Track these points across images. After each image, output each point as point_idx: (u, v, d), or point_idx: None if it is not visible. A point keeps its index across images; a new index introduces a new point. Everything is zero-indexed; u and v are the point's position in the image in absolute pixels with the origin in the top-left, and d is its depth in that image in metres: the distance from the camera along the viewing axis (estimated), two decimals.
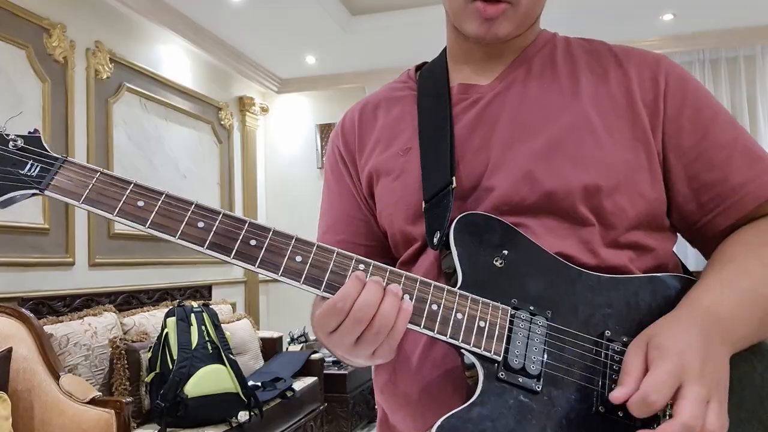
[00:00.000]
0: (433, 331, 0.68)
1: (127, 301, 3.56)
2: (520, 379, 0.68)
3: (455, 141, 0.82)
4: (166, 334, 2.84)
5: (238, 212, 4.96)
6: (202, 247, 0.68)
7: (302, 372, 3.74)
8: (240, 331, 3.69)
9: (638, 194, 0.77)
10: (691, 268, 0.83)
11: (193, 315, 2.96)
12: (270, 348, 3.98)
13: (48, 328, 2.56)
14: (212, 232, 0.68)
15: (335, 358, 4.21)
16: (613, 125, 0.78)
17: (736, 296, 0.71)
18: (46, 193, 0.69)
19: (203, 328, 2.93)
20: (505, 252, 0.74)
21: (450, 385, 0.76)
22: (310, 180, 5.36)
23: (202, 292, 4.30)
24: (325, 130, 5.39)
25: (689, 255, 0.87)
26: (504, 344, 0.69)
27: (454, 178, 0.79)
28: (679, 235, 0.85)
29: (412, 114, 0.89)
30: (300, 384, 3.58)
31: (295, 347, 4.33)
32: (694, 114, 0.79)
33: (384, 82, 1.03)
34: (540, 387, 0.68)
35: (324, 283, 0.68)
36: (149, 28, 3.99)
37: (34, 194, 0.70)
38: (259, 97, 5.37)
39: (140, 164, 3.88)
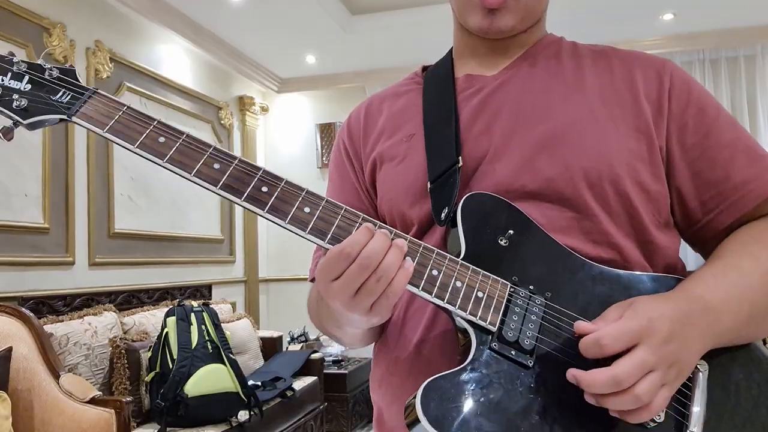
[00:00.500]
0: (431, 294, 0.68)
1: (127, 300, 3.56)
2: (513, 352, 0.68)
3: (459, 127, 0.83)
4: (166, 333, 2.84)
5: (238, 213, 4.97)
6: (216, 186, 0.69)
7: (302, 371, 3.74)
8: (240, 331, 3.69)
9: (641, 184, 0.77)
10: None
11: (193, 314, 2.96)
12: (270, 347, 3.98)
13: (48, 328, 2.57)
14: (227, 174, 0.70)
15: (335, 358, 4.22)
16: (617, 115, 0.79)
17: (726, 288, 0.72)
18: (74, 119, 0.72)
19: (203, 327, 2.93)
20: (511, 232, 0.74)
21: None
22: (310, 180, 5.35)
23: (202, 291, 4.30)
24: (325, 129, 5.38)
25: (689, 258, 0.87)
26: (500, 316, 0.69)
27: (460, 158, 0.80)
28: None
29: (417, 105, 0.90)
30: (300, 383, 3.58)
31: (295, 347, 4.33)
32: (698, 113, 0.80)
33: (384, 82, 1.04)
34: (531, 363, 0.68)
35: (329, 235, 0.68)
36: (149, 27, 3.99)
37: (61, 120, 0.72)
38: (259, 97, 5.37)
39: (140, 163, 3.88)
